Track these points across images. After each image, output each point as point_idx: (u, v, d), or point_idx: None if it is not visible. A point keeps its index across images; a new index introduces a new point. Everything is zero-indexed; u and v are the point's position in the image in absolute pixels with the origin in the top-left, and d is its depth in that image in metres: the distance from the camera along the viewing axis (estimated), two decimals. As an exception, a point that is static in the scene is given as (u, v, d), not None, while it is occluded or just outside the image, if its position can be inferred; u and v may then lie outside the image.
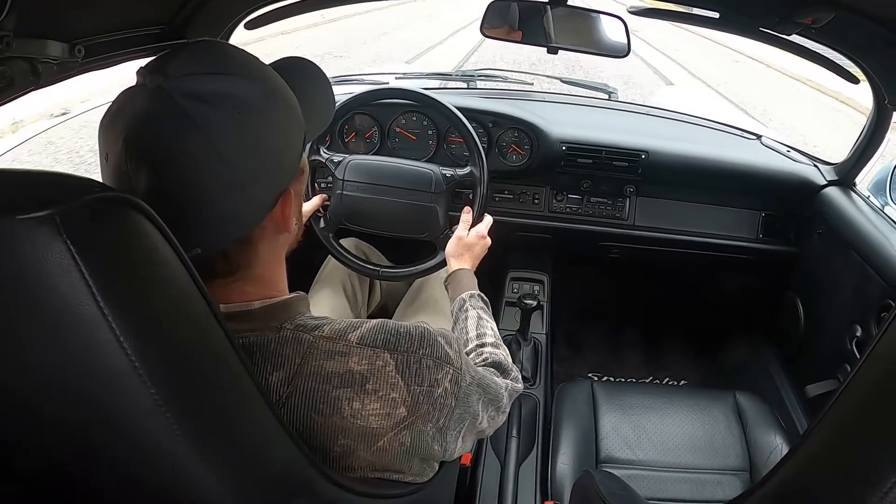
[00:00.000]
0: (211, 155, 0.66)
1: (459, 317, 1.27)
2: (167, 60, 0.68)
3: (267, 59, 0.80)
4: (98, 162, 0.72)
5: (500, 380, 1.04)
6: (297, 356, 0.76)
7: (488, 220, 1.58)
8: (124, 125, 0.66)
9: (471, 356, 1.14)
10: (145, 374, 0.48)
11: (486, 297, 1.33)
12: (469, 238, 1.51)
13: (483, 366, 1.08)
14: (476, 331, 1.21)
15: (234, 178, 0.68)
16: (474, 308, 1.27)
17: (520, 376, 1.15)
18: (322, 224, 1.67)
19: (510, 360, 1.17)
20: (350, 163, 1.65)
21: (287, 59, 0.88)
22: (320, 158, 1.66)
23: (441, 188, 1.63)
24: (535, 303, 1.78)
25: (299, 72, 0.86)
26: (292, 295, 0.82)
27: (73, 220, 0.44)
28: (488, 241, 1.53)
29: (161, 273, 0.52)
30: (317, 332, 0.77)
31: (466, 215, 1.58)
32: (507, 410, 1.05)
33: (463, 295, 1.31)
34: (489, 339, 1.19)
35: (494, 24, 1.63)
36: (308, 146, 1.62)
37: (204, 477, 0.54)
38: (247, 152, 0.69)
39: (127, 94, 0.68)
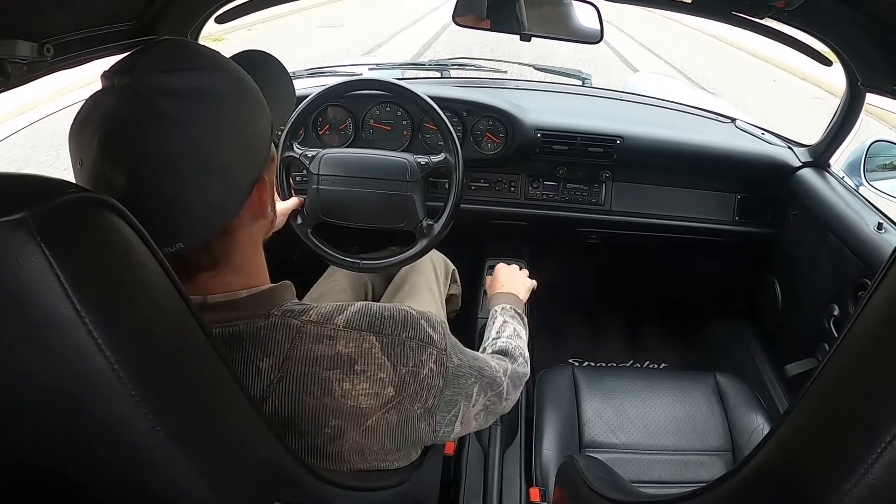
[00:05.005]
0: (189, 147, 0.67)
1: (488, 323, 1.30)
2: (133, 61, 0.69)
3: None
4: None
5: (498, 363, 1.04)
6: (286, 341, 0.78)
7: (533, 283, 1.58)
8: (97, 127, 0.66)
9: (487, 350, 1.16)
10: (124, 375, 0.47)
11: (524, 316, 1.35)
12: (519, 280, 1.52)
13: (490, 353, 1.12)
14: (497, 333, 1.23)
15: (212, 168, 0.69)
16: (503, 315, 1.29)
17: (527, 364, 1.16)
18: (299, 220, 1.65)
19: (522, 350, 1.18)
20: (324, 157, 1.63)
21: (246, 52, 0.91)
22: (294, 154, 1.63)
23: (416, 176, 1.62)
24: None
25: (259, 65, 0.88)
26: (277, 283, 0.84)
27: (47, 222, 0.44)
28: (532, 282, 1.56)
29: (137, 273, 0.52)
30: (304, 317, 0.79)
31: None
32: (511, 397, 1.06)
33: (497, 306, 1.34)
34: (506, 334, 1.22)
35: (465, 12, 1.62)
36: (281, 141, 1.61)
37: (187, 474, 0.54)
38: (223, 141, 0.70)
39: (95, 98, 0.69)
